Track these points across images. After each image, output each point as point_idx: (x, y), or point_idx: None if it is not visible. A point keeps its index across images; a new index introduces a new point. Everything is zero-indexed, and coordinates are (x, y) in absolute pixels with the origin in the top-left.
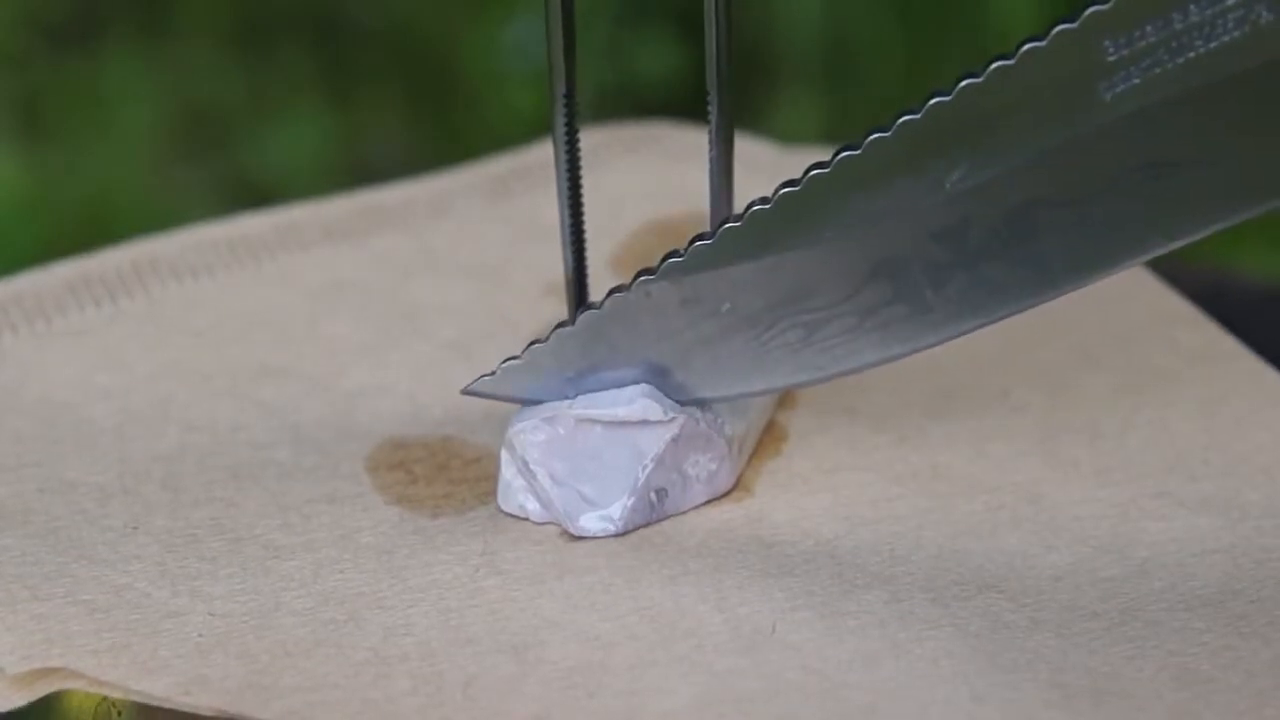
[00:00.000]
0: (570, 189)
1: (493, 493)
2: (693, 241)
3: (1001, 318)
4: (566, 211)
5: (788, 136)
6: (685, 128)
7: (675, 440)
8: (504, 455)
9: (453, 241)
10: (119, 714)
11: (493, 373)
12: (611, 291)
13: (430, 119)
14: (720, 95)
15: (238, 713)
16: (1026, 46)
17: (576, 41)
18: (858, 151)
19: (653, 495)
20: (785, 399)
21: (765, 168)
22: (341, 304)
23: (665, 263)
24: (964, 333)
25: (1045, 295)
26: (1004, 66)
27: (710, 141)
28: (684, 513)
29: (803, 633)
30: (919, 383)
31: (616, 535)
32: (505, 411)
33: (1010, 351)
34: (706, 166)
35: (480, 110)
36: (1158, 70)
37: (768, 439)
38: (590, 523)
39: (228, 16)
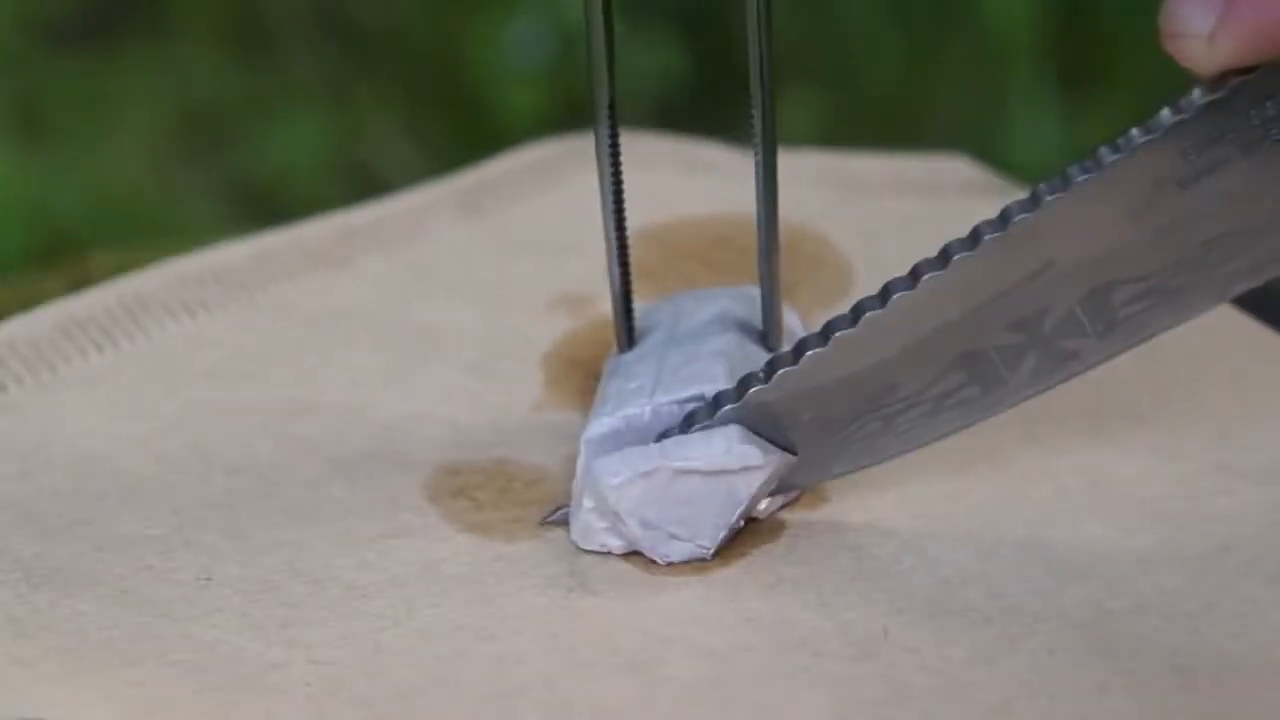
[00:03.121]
0: (615, 203)
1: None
2: (771, 363)
3: (1069, 379)
4: (612, 227)
5: (787, 137)
6: (681, 137)
7: (768, 480)
8: (586, 501)
9: (435, 260)
10: None
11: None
12: (687, 419)
13: (430, 119)
14: (764, 100)
15: None
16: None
17: (616, 48)
18: (942, 270)
19: (739, 521)
20: None
21: None
22: (347, 332)
23: (748, 391)
24: (1035, 395)
25: (1114, 355)
26: (1087, 178)
27: (755, 147)
28: (760, 519)
29: (915, 634)
30: None
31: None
32: (555, 427)
33: None
34: (718, 173)
35: (480, 110)
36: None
37: None
38: (681, 553)
39: (228, 17)
